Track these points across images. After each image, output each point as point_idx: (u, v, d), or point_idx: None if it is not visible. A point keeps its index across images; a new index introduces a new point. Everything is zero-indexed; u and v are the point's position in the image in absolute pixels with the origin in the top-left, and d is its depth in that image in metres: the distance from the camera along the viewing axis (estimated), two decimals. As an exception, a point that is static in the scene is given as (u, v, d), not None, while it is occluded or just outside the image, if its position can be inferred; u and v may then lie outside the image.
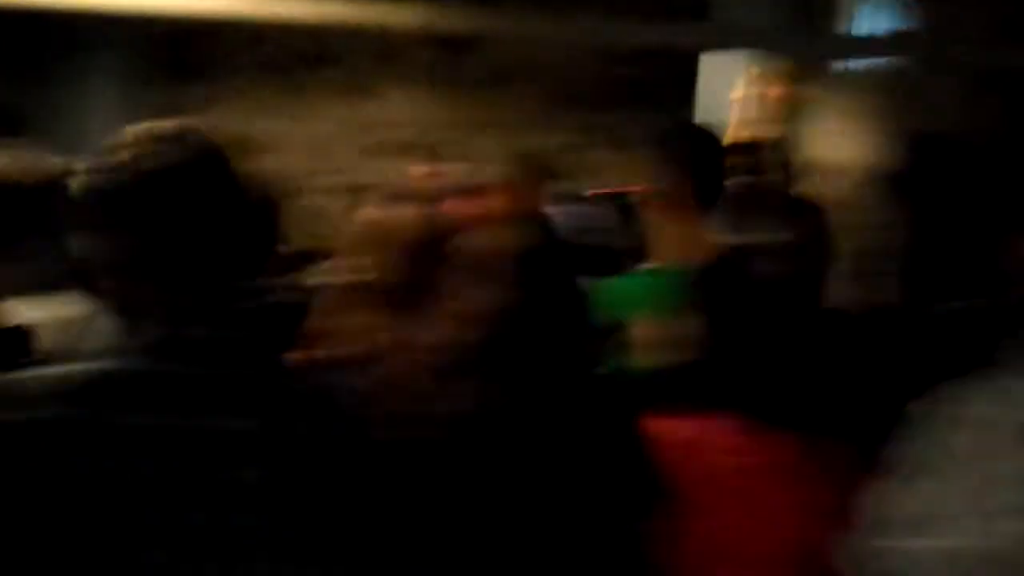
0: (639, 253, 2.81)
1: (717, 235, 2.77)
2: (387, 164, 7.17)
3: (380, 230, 2.27)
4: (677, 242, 2.73)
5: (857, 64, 6.72)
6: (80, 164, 1.57)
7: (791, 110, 5.41)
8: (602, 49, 7.14)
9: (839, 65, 6.65)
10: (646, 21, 6.08)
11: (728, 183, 2.97)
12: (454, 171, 5.86)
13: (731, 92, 5.31)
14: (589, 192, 6.58)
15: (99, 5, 5.15)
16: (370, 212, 2.34)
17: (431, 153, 6.19)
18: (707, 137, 2.98)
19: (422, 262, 2.24)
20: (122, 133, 1.64)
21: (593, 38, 6.48)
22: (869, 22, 6.69)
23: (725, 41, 5.82)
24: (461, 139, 7.15)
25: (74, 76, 6.25)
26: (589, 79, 7.33)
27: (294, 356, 2.27)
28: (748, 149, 5.17)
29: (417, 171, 5.90)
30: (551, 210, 4.54)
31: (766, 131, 4.95)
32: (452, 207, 2.59)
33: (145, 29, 6.48)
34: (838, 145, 5.68)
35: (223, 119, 7.14)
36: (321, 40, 7.18)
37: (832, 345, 2.22)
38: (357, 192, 6.94)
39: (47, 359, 1.70)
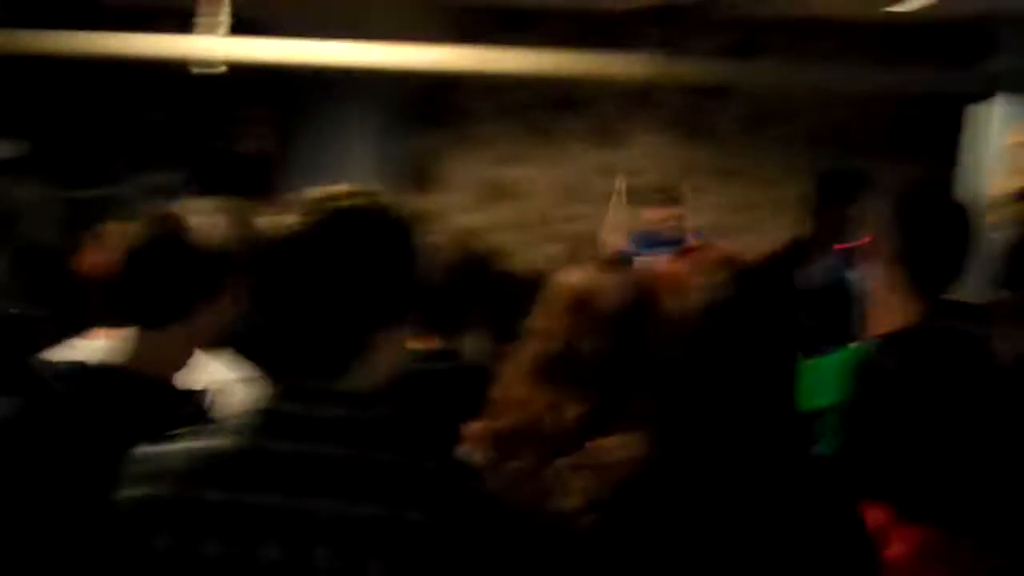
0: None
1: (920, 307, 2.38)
2: (633, 211, 7.04)
3: (580, 296, 2.12)
4: (884, 315, 2.39)
5: None
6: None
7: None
8: (863, 95, 6.74)
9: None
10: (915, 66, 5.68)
11: (999, 235, 2.63)
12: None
13: (1000, 139, 4.87)
14: (842, 245, 6.21)
15: (350, 60, 5.29)
16: (571, 276, 2.20)
17: (676, 199, 5.97)
18: (948, 202, 2.49)
19: (623, 335, 2.09)
20: (297, 197, 1.56)
21: (859, 85, 6.09)
22: None
23: (1006, 85, 5.33)
24: (712, 186, 6.91)
25: (329, 126, 6.49)
26: (848, 125, 6.91)
27: (473, 427, 2.16)
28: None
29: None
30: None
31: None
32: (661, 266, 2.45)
33: (397, 79, 6.66)
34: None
35: (471, 166, 7.24)
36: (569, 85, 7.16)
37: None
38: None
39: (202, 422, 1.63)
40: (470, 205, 7.29)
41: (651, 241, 6.05)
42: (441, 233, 2.63)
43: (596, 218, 7.17)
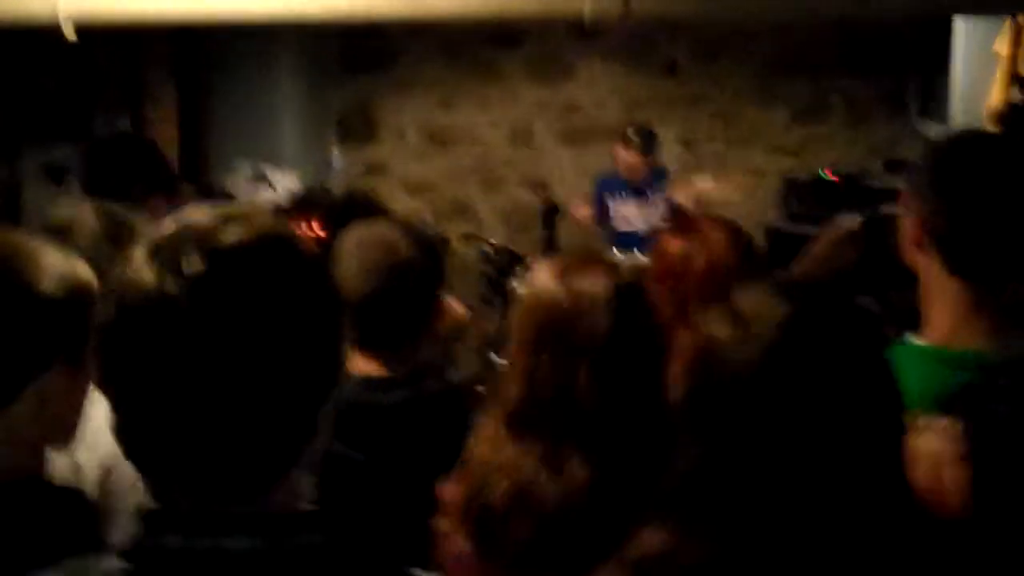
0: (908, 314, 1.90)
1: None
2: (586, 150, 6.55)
3: (560, 313, 1.65)
4: (946, 314, 1.74)
5: None
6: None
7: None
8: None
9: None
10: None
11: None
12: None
13: (993, 46, 4.44)
14: (826, 174, 5.79)
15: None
16: (542, 286, 1.74)
17: (646, 140, 5.49)
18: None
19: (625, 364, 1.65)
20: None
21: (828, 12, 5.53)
22: None
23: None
24: (666, 120, 6.42)
25: (250, 83, 5.89)
26: (820, 45, 6.43)
27: (449, 497, 1.67)
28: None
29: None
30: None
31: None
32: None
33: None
34: None
35: (409, 112, 6.67)
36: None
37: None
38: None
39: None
40: (411, 155, 6.74)
41: (617, 185, 5.59)
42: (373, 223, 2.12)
43: (546, 162, 6.70)
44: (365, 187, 6.30)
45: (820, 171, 5.86)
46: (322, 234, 5.88)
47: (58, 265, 1.39)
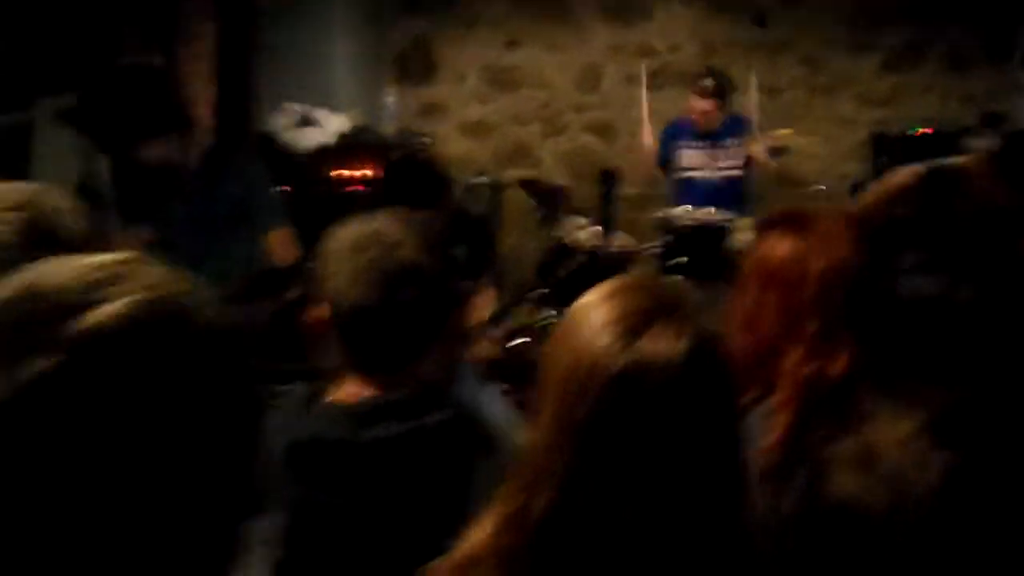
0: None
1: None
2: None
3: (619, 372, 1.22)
4: None
5: None
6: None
7: None
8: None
9: None
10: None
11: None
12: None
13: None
14: (918, 131, 5.30)
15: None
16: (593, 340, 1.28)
17: (721, 88, 5.05)
18: None
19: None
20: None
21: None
22: None
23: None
24: (753, 66, 5.95)
25: (303, 19, 5.55)
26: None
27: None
28: None
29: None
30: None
31: None
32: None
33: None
34: None
35: (471, 53, 6.29)
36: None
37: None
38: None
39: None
40: (470, 97, 6.37)
41: (687, 132, 5.15)
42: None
43: (614, 107, 6.28)
44: (420, 129, 5.96)
45: (912, 126, 5.36)
46: (370, 173, 5.62)
47: None
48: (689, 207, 4.81)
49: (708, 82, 5.05)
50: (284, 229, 3.22)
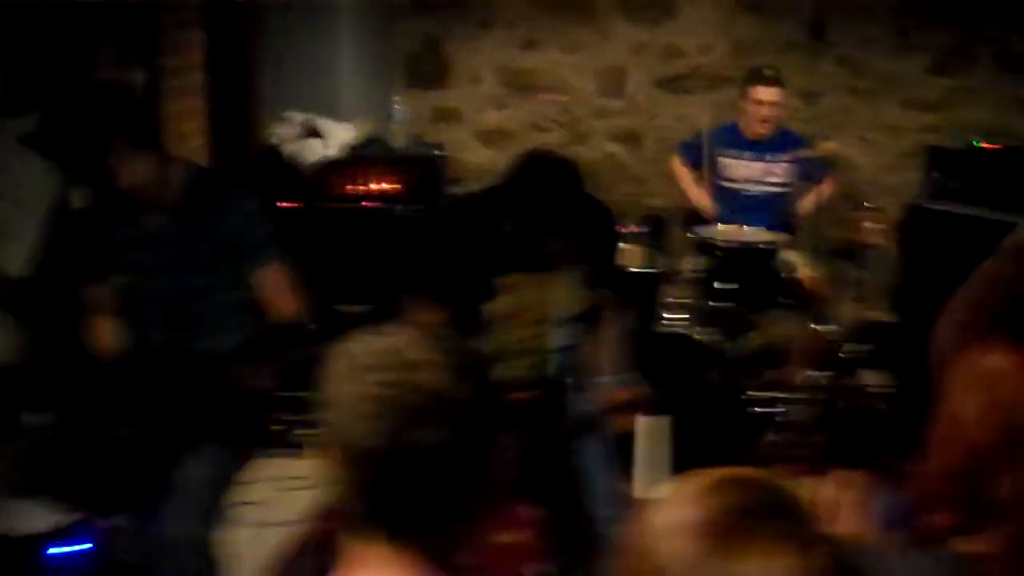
0: None
1: None
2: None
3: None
4: None
5: None
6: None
7: None
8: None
9: None
10: None
11: None
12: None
13: None
14: (980, 142, 4.87)
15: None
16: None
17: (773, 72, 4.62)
18: None
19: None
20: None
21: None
22: None
23: None
24: (788, 68, 5.53)
25: (307, 22, 5.15)
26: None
27: None
28: None
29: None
30: None
31: None
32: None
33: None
34: None
35: (487, 54, 5.89)
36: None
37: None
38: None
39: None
40: (486, 101, 5.96)
41: (734, 140, 4.69)
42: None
43: (640, 114, 5.86)
44: (433, 138, 5.55)
45: (969, 137, 4.93)
46: (387, 187, 5.24)
47: None
48: (723, 226, 4.40)
49: (769, 70, 4.59)
50: (277, 265, 2.79)
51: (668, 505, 0.93)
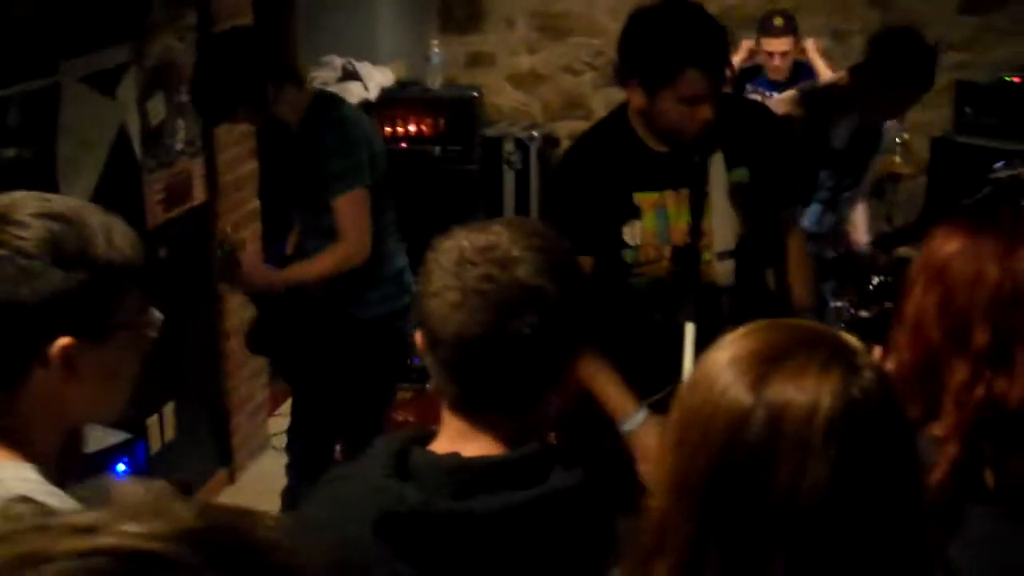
0: None
1: None
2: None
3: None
4: None
5: None
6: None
7: None
8: None
9: None
10: None
11: None
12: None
13: None
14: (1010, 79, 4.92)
15: None
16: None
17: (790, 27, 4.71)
18: None
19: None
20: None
21: None
22: None
23: None
24: (818, 7, 5.58)
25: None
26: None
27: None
28: None
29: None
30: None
31: None
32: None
33: None
34: None
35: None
36: None
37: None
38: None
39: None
40: (520, 45, 6.04)
41: (757, 81, 4.80)
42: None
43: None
44: (469, 81, 5.66)
45: (999, 73, 4.98)
46: (425, 129, 5.35)
47: None
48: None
49: (778, 20, 4.74)
50: (358, 192, 2.96)
51: (724, 345, 1.05)
